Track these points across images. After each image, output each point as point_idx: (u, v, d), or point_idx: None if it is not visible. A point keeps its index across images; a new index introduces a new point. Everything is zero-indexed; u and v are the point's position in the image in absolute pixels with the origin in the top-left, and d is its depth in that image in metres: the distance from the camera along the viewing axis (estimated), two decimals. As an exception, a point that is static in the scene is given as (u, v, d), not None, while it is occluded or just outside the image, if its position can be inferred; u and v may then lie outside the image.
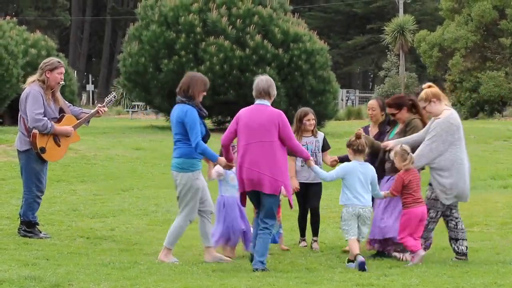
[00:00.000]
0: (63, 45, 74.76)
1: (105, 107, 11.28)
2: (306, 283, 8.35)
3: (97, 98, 65.14)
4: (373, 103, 11.01)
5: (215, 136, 11.59)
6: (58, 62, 11.02)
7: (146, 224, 12.62)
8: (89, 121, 11.26)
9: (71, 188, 16.46)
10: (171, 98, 30.43)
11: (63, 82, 11.05)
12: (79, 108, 11.55)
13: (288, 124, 9.37)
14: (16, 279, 8.02)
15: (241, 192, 9.51)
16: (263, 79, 9.53)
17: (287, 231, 11.44)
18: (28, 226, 10.90)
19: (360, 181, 9.63)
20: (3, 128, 27.38)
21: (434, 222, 10.00)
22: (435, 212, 9.95)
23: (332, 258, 10.04)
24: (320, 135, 11.17)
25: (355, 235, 9.55)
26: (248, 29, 29.78)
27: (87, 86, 63.95)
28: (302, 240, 11.20)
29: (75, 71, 46.11)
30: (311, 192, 11.05)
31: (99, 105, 11.33)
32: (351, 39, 76.00)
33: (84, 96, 62.21)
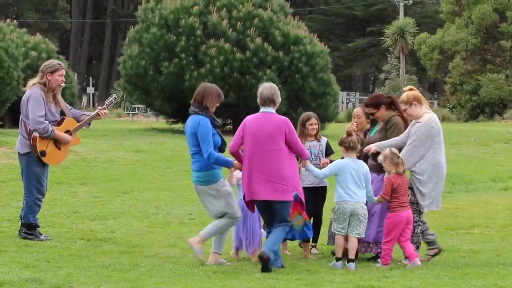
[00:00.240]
0: (64, 47, 74.81)
1: (105, 109, 11.25)
2: (306, 285, 8.35)
3: (97, 100, 65.24)
4: (358, 110, 10.89)
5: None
6: (59, 64, 11.00)
7: (147, 226, 12.62)
8: (89, 123, 11.23)
9: (72, 190, 16.47)
10: (171, 100, 30.65)
11: (64, 84, 11.03)
12: (80, 110, 11.52)
13: (294, 130, 9.42)
14: (17, 281, 8.02)
15: (247, 201, 9.49)
16: (267, 87, 9.53)
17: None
18: (29, 228, 10.88)
19: (352, 177, 9.61)
20: (4, 131, 27.36)
21: (419, 225, 10.00)
22: (418, 215, 9.95)
23: (332, 260, 10.03)
24: (324, 139, 10.85)
25: (343, 232, 9.59)
26: (248, 31, 29.76)
27: (88, 88, 64.00)
28: (312, 247, 10.86)
29: (76, 74, 46.18)
30: (317, 197, 10.77)
31: (99, 107, 11.29)
32: (351, 41, 76.10)
33: (85, 98, 62.27)
